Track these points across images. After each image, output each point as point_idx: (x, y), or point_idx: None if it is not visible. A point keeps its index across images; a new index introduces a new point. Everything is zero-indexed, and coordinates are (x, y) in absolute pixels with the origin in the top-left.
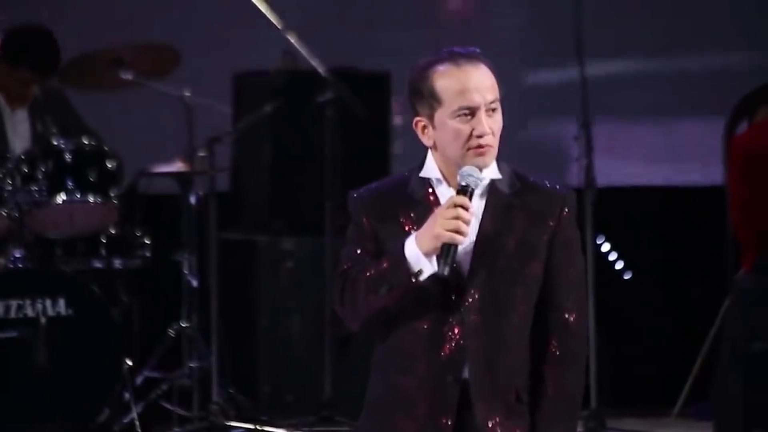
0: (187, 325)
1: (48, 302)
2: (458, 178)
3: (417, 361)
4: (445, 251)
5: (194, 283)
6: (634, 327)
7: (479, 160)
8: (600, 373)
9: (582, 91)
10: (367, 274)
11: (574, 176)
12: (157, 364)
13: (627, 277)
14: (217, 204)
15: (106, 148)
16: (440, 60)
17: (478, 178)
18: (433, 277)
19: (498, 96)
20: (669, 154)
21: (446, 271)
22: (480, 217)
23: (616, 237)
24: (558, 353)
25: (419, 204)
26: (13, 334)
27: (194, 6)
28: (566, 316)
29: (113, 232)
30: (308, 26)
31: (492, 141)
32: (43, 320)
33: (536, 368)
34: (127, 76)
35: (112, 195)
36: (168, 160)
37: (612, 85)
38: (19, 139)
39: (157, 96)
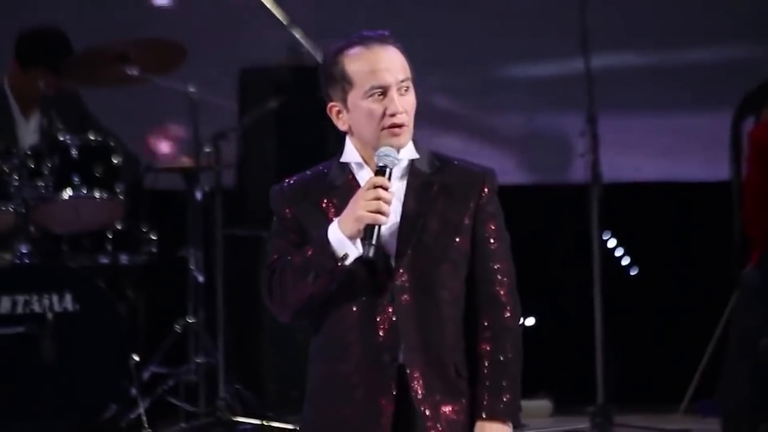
0: (194, 320)
1: (55, 298)
2: (375, 159)
3: (351, 345)
4: (369, 232)
5: (200, 278)
6: (641, 323)
7: (395, 140)
8: (607, 369)
9: (588, 86)
10: (293, 263)
11: (580, 172)
12: (164, 359)
13: (633, 273)
14: (223, 200)
15: (112, 144)
16: (350, 44)
17: (395, 158)
18: (359, 260)
19: (410, 75)
20: (675, 149)
21: (370, 252)
22: (402, 198)
23: (622, 233)
24: (491, 328)
25: (340, 189)
26: (19, 329)
27: (199, 2)
28: (496, 289)
29: (119, 227)
30: (313, 22)
31: (406, 120)
32: (49, 316)
33: (472, 344)
34: (133, 72)
35: (118, 191)
36: (173, 156)
37: (618, 79)
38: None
39: (162, 92)
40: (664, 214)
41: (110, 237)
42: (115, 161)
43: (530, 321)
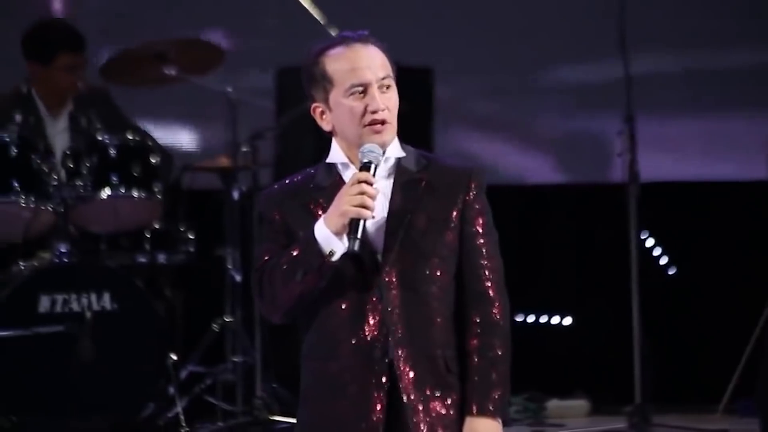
0: (231, 319)
1: (93, 297)
2: (360, 155)
3: (341, 343)
4: (354, 227)
5: (237, 277)
6: (679, 322)
7: (377, 138)
8: (644, 368)
9: (626, 85)
10: (281, 263)
11: (618, 171)
12: (201, 358)
13: (671, 272)
14: None
15: (149, 144)
16: (331, 44)
17: (379, 154)
18: (346, 257)
19: (391, 74)
20: (714, 149)
21: (356, 246)
22: (389, 195)
23: (660, 232)
24: (479, 324)
25: (327, 189)
26: (58, 328)
27: (237, 2)
28: (484, 285)
29: (157, 227)
30: (350, 21)
31: (388, 116)
32: (88, 315)
33: (461, 340)
34: (171, 72)
35: (156, 190)
36: (211, 155)
37: (657, 80)
38: (60, 148)
39: (200, 92)
40: (703, 213)
41: (148, 236)
42: (153, 161)
43: (568, 321)
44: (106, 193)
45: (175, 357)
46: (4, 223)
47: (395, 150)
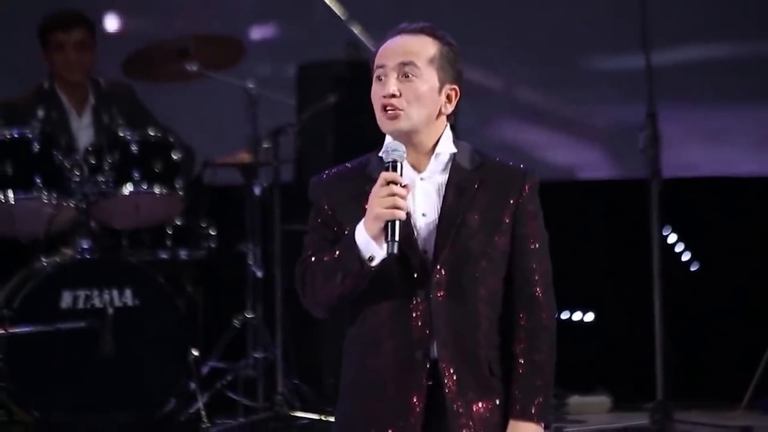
0: (252, 315)
1: (115, 293)
2: (383, 155)
3: (384, 341)
4: (390, 229)
5: (259, 273)
6: (702, 319)
7: (388, 124)
8: (666, 365)
9: (648, 80)
10: (323, 262)
11: (641, 166)
12: (222, 354)
13: (694, 268)
14: (281, 195)
15: (171, 139)
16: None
17: (403, 152)
18: (386, 260)
19: (415, 62)
20: (738, 144)
21: (394, 248)
22: (443, 193)
23: (683, 228)
24: (527, 327)
25: (377, 181)
26: (80, 324)
27: None
28: (533, 289)
29: (179, 223)
30: (371, 17)
31: (398, 104)
32: (110, 311)
33: (507, 343)
34: (192, 67)
35: (178, 186)
36: (232, 151)
37: (682, 71)
38: (83, 144)
39: (221, 87)
40: (726, 209)
41: (170, 232)
42: (174, 157)
43: (590, 317)
44: (127, 188)
45: (196, 353)
46: (26, 219)
47: (447, 146)
